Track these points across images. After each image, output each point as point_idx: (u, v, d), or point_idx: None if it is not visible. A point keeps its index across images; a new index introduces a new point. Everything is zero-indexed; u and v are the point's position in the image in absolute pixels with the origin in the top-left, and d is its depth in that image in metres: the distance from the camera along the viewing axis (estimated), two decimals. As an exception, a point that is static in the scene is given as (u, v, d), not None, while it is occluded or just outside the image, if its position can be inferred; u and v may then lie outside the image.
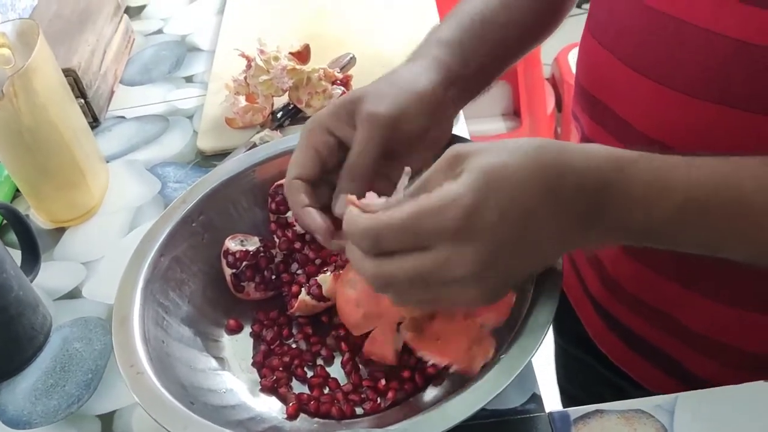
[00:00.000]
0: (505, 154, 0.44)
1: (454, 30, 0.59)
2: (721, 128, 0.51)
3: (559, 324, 0.86)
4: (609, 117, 0.61)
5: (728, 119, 0.50)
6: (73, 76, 0.87)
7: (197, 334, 0.60)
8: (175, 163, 0.84)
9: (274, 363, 0.59)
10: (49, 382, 0.64)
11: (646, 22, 0.54)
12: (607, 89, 0.61)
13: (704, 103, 0.51)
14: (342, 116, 0.54)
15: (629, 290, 0.65)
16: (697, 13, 0.50)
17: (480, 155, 0.44)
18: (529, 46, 0.67)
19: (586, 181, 0.44)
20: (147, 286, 0.58)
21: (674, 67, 0.53)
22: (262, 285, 0.63)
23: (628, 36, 0.57)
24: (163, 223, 0.63)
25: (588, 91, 0.64)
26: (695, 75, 0.51)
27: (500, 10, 0.61)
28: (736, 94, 0.49)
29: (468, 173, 0.43)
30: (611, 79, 0.60)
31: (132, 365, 0.52)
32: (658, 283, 0.62)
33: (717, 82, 0.50)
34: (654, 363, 0.68)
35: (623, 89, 0.58)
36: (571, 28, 0.78)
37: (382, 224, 0.43)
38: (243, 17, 1.08)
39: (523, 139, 0.46)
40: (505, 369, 0.49)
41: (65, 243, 0.77)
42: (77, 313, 0.69)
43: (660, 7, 0.52)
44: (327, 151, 0.54)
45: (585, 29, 0.65)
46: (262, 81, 0.83)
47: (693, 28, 0.50)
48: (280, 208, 0.65)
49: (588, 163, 0.45)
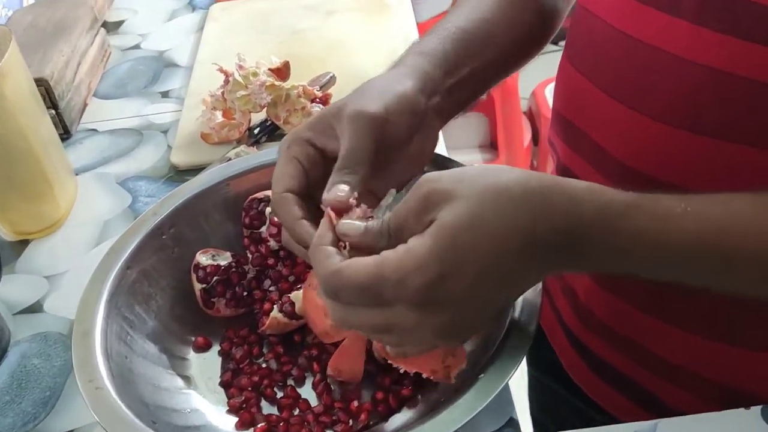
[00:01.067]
0: (485, 204, 0.42)
1: (436, 43, 0.58)
2: (694, 155, 0.51)
3: (533, 354, 0.84)
4: (584, 143, 0.61)
5: (700, 146, 0.50)
6: (45, 86, 0.85)
7: (163, 351, 0.58)
8: (148, 177, 0.83)
9: (242, 382, 0.57)
10: (4, 399, 0.61)
11: (622, 49, 0.54)
12: (583, 115, 0.61)
13: (677, 130, 0.51)
14: (322, 128, 0.53)
15: (602, 320, 0.65)
16: (671, 40, 0.50)
17: (455, 204, 0.42)
18: (510, 67, 0.66)
19: (570, 239, 0.43)
20: (111, 299, 0.56)
21: (648, 94, 0.53)
22: (232, 301, 0.61)
23: (604, 63, 0.57)
24: (131, 235, 0.61)
25: (564, 116, 0.64)
26: (669, 102, 0.51)
27: (482, 27, 0.61)
28: (708, 122, 0.50)
29: (437, 231, 0.41)
30: (587, 105, 0.60)
31: (91, 380, 0.50)
32: (631, 313, 0.61)
33: (689, 109, 0.50)
34: (627, 395, 0.67)
35: (599, 115, 0.58)
36: (549, 62, 0.78)
37: (344, 282, 0.43)
38: (222, 35, 1.07)
39: (508, 174, 0.44)
40: (483, 391, 0.47)
41: (28, 256, 0.75)
42: (37, 328, 0.67)
43: (635, 34, 0.53)
44: (309, 163, 0.52)
45: (563, 56, 0.65)
46: (239, 96, 0.81)
47: (667, 55, 0.50)
48: (254, 223, 0.63)
49: (575, 219, 0.43)
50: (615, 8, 0.55)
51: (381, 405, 0.54)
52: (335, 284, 0.43)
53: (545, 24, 0.67)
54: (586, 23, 0.59)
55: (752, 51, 0.46)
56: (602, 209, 0.43)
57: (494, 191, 0.43)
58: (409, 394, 0.54)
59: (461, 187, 0.43)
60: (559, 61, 0.66)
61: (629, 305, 0.61)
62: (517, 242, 0.42)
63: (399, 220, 0.44)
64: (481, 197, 0.42)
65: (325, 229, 0.45)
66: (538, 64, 0.72)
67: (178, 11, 1.16)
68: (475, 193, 0.42)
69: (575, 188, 0.44)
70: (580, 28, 0.61)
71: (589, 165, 0.60)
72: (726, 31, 0.47)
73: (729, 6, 0.46)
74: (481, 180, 0.43)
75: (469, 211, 0.42)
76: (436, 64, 0.57)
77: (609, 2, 0.55)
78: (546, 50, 0.70)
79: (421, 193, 0.43)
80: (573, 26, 0.63)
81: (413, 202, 0.44)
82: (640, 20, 0.52)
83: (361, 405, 0.54)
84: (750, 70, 0.46)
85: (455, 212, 0.42)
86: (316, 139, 0.53)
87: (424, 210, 0.43)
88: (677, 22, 0.49)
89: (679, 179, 0.52)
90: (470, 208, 0.42)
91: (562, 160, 0.66)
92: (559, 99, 0.66)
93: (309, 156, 0.53)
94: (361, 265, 0.42)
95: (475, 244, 0.41)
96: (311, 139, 0.53)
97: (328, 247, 0.44)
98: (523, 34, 0.65)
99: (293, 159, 0.52)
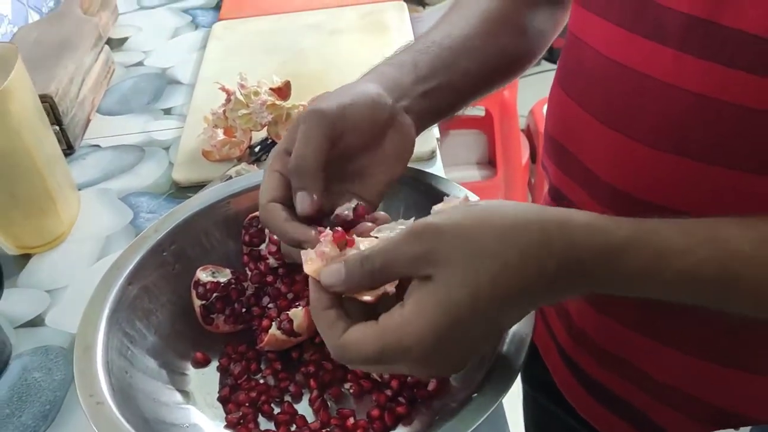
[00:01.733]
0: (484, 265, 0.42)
1: (406, 54, 0.60)
2: (681, 178, 0.52)
3: (527, 372, 0.85)
4: (576, 167, 0.61)
5: (687, 169, 0.51)
6: (50, 103, 0.86)
7: (162, 366, 0.59)
8: (149, 193, 0.84)
9: (240, 398, 0.58)
10: (4, 412, 0.61)
11: (611, 76, 0.55)
12: (574, 139, 0.62)
13: (664, 154, 0.52)
14: (292, 137, 0.54)
15: (596, 341, 0.65)
16: (658, 67, 0.51)
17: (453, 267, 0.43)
18: (493, 83, 0.67)
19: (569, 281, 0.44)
20: (113, 315, 0.57)
21: (636, 119, 0.54)
22: (231, 318, 0.62)
23: (594, 88, 0.58)
24: (133, 251, 0.62)
25: (556, 140, 0.65)
26: (656, 126, 0.52)
27: (460, 42, 0.62)
28: (695, 146, 0.50)
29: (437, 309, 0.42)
30: (578, 130, 0.60)
31: (92, 395, 0.50)
32: (625, 334, 0.62)
33: (676, 134, 0.51)
34: (619, 414, 0.67)
35: (589, 140, 0.59)
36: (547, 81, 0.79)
37: (350, 355, 0.45)
38: (224, 54, 1.08)
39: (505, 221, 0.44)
40: (477, 409, 0.48)
41: (30, 270, 0.75)
42: (39, 341, 0.67)
43: (624, 60, 0.54)
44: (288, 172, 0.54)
45: (554, 80, 0.66)
46: (241, 115, 0.83)
47: (654, 82, 0.51)
48: (254, 241, 0.64)
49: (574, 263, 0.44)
50: (604, 36, 0.56)
51: (377, 422, 0.55)
52: (344, 357, 0.45)
53: (529, 44, 0.69)
54: (576, 50, 0.60)
55: (736, 77, 0.47)
56: (602, 250, 0.44)
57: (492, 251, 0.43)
58: (404, 411, 0.55)
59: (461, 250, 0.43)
60: (551, 86, 0.67)
61: (622, 326, 0.61)
62: (517, 299, 0.44)
63: (388, 260, 0.45)
64: (479, 263, 0.43)
65: (316, 291, 0.46)
66: (537, 82, 0.74)
67: (181, 29, 1.18)
68: (473, 256, 0.43)
69: (575, 227, 0.44)
70: (570, 54, 0.62)
71: (580, 188, 0.61)
72: (709, 58, 0.48)
73: (711, 33, 0.47)
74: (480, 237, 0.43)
75: (468, 288, 0.42)
76: (403, 72, 0.58)
77: (598, 30, 0.56)
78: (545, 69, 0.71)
79: (421, 249, 0.43)
80: (564, 52, 0.64)
81: (409, 253, 0.44)
82: (628, 48, 0.53)
83: (357, 422, 0.55)
84: (734, 96, 0.47)
85: (455, 287, 0.43)
86: (290, 145, 0.54)
87: (422, 265, 0.43)
88: (663, 49, 0.50)
89: (668, 201, 0.53)
90: (469, 282, 0.42)
91: (554, 182, 0.67)
92: (550, 122, 0.67)
93: (287, 164, 0.54)
94: (363, 340, 0.44)
95: (473, 322, 0.43)
96: (287, 148, 0.55)
97: (328, 312, 0.46)
98: (503, 52, 0.66)
99: (274, 172, 0.54)
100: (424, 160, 0.82)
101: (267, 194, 0.54)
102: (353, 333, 0.44)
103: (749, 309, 0.47)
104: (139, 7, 1.25)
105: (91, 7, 1.09)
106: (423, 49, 0.61)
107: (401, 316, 0.43)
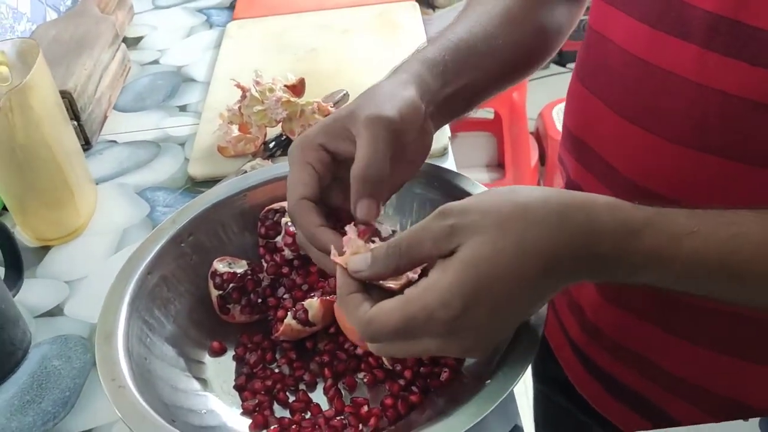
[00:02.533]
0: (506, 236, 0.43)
1: (437, 51, 0.60)
2: (703, 175, 0.53)
3: (539, 369, 0.86)
4: (595, 161, 0.62)
5: (709, 166, 0.52)
6: (69, 99, 0.87)
7: (180, 355, 0.60)
8: (166, 188, 0.85)
9: (256, 386, 0.59)
10: (25, 399, 0.62)
11: (634, 72, 0.56)
12: (594, 134, 0.62)
13: (686, 149, 0.53)
14: (334, 131, 0.53)
15: (610, 336, 0.66)
16: (682, 64, 0.52)
17: (478, 239, 0.43)
18: (508, 81, 0.67)
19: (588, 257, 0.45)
20: (133, 302, 0.58)
21: (659, 115, 0.54)
22: (247, 308, 0.63)
23: (616, 83, 0.58)
24: (152, 242, 0.63)
25: (575, 135, 0.66)
26: (679, 123, 0.53)
27: (483, 40, 0.62)
28: (717, 143, 0.51)
29: (460, 267, 0.43)
30: (598, 125, 0.61)
31: (114, 379, 0.52)
32: (639, 328, 0.62)
33: (699, 130, 0.52)
34: (634, 408, 0.68)
35: (610, 135, 0.60)
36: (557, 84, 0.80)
37: (377, 330, 0.45)
38: (238, 52, 1.10)
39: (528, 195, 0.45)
40: (489, 396, 0.49)
41: (49, 261, 0.77)
42: (58, 330, 0.69)
43: (648, 57, 0.54)
44: (322, 167, 0.53)
45: (573, 75, 0.66)
46: (256, 111, 0.84)
47: (678, 79, 0.52)
48: (270, 233, 0.65)
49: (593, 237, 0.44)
50: (627, 32, 0.56)
51: (390, 410, 0.56)
52: (371, 333, 0.46)
53: (547, 41, 0.69)
54: (598, 46, 0.60)
55: (759, 76, 0.47)
56: (619, 227, 0.45)
57: (516, 218, 0.44)
58: (417, 400, 0.56)
59: (485, 220, 0.44)
60: (570, 81, 0.67)
61: (637, 319, 0.62)
62: (538, 269, 0.44)
63: (414, 240, 0.46)
64: (503, 229, 0.44)
65: (344, 276, 0.48)
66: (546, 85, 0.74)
67: (196, 28, 1.20)
68: (497, 224, 0.44)
69: (594, 203, 0.46)
70: (591, 49, 0.63)
71: (600, 182, 0.62)
72: (733, 56, 0.48)
73: (736, 32, 0.48)
74: (504, 208, 0.44)
75: (492, 246, 0.43)
76: (434, 73, 0.58)
77: (621, 26, 0.57)
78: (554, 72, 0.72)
79: (447, 223, 0.44)
80: (584, 48, 0.64)
81: (436, 229, 0.45)
82: (651, 44, 0.54)
83: (370, 410, 0.56)
84: (757, 94, 0.48)
85: (478, 247, 0.43)
86: (329, 144, 0.53)
87: (446, 238, 0.44)
88: (687, 46, 0.51)
89: (688, 197, 0.54)
90: (493, 241, 0.43)
91: (573, 177, 0.67)
92: (570, 118, 0.67)
93: (322, 161, 0.53)
94: (388, 311, 0.44)
95: (497, 277, 0.43)
96: (324, 144, 0.53)
97: (354, 295, 0.47)
98: (522, 48, 0.66)
99: (307, 165, 0.53)
100: (436, 157, 0.83)
101: (298, 189, 0.53)
102: (379, 306, 0.45)
103: (761, 297, 0.47)
104: (154, 7, 1.27)
105: (107, 6, 1.10)
106: (452, 47, 0.60)
107: (425, 281, 0.44)
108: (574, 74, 0.66)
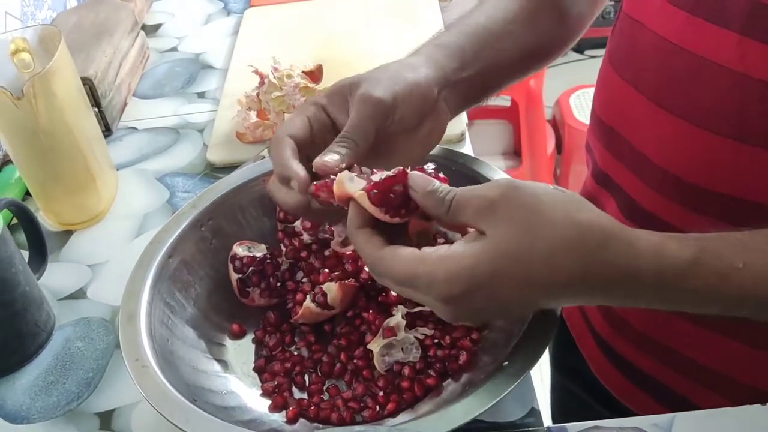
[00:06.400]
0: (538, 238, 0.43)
1: (455, 36, 0.60)
2: (737, 163, 0.52)
3: (559, 360, 0.86)
4: (625, 149, 0.61)
5: (744, 155, 0.51)
6: (89, 85, 0.88)
7: (201, 337, 0.61)
8: (185, 173, 0.86)
9: (275, 368, 0.60)
10: (49, 379, 0.64)
11: (669, 58, 0.55)
12: (624, 121, 0.61)
13: (722, 138, 0.52)
14: (336, 99, 0.56)
15: (637, 328, 0.65)
16: (719, 51, 0.51)
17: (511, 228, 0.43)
18: (528, 68, 0.67)
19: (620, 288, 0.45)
20: (155, 285, 0.59)
21: (694, 103, 0.53)
22: (267, 291, 0.64)
23: (650, 70, 0.57)
24: (172, 226, 0.64)
25: (604, 122, 0.64)
26: (715, 111, 0.52)
27: (502, 26, 0.62)
28: (755, 131, 0.50)
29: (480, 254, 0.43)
30: (630, 112, 0.60)
31: (137, 359, 0.53)
32: (669, 321, 0.62)
33: (736, 119, 0.51)
34: (658, 398, 0.67)
35: (642, 122, 0.58)
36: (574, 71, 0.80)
37: (384, 268, 0.46)
38: (256, 39, 1.10)
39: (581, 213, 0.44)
40: (507, 378, 0.49)
41: (72, 245, 0.78)
42: (81, 313, 0.70)
43: (683, 44, 0.53)
44: (317, 124, 0.56)
45: (604, 61, 0.65)
46: (274, 97, 0.84)
47: (716, 67, 0.51)
48: (288, 218, 0.66)
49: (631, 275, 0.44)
50: (663, 18, 0.55)
51: (407, 393, 0.56)
52: (377, 269, 0.47)
53: (568, 28, 0.68)
54: (632, 32, 0.59)
55: None
56: (663, 270, 0.44)
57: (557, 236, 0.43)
58: (434, 383, 0.56)
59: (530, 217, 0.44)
60: (600, 67, 0.66)
61: (668, 313, 0.61)
62: (561, 283, 0.44)
63: (463, 202, 0.46)
64: (538, 237, 0.43)
65: (354, 209, 0.48)
66: (563, 72, 0.73)
67: (214, 15, 1.20)
68: (535, 225, 0.43)
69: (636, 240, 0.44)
70: (624, 36, 0.61)
71: (629, 170, 0.61)
72: None
73: None
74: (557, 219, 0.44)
75: (517, 245, 0.43)
76: (450, 57, 0.59)
77: (657, 12, 0.56)
78: (571, 59, 0.71)
79: (495, 195, 0.44)
80: (616, 34, 0.63)
81: (484, 198, 0.45)
82: (688, 31, 0.53)
83: (388, 396, 0.56)
84: None
85: (507, 241, 0.43)
86: (330, 108, 0.56)
87: (486, 213, 0.44)
88: (725, 33, 0.50)
89: (722, 187, 0.53)
90: (522, 243, 0.43)
91: (600, 165, 0.67)
92: (599, 104, 0.66)
93: (319, 119, 0.56)
94: (399, 260, 0.45)
95: (510, 276, 0.44)
96: (326, 106, 0.56)
97: (364, 229, 0.47)
98: (543, 35, 0.66)
99: (302, 114, 0.56)
100: (454, 142, 0.83)
101: (287, 128, 0.55)
102: (395, 249, 0.46)
103: None
104: (173, -6, 1.28)
105: (126, -6, 1.11)
106: (471, 32, 0.61)
107: (446, 250, 0.44)
108: (604, 61, 0.65)
